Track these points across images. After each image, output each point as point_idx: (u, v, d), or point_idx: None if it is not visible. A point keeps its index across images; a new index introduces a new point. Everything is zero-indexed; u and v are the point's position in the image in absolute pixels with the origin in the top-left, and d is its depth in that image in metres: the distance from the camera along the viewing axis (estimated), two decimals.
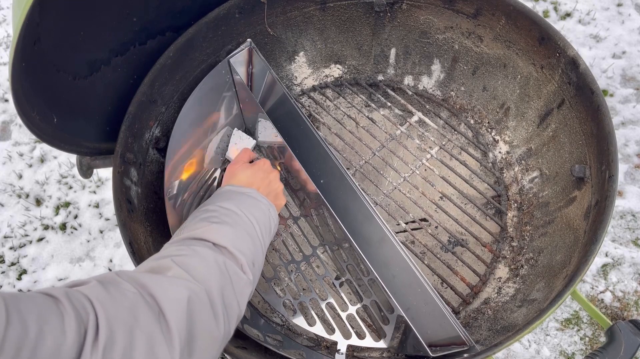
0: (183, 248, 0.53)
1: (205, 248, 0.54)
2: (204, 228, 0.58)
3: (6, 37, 1.98)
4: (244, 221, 0.62)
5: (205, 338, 0.45)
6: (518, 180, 0.94)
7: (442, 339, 0.71)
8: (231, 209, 0.63)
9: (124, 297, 0.40)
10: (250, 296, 0.57)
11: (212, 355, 0.46)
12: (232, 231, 0.59)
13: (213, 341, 0.46)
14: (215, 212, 0.62)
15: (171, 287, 0.44)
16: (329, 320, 0.84)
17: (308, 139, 0.85)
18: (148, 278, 0.44)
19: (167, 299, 0.42)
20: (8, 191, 1.62)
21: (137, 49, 0.82)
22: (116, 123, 0.79)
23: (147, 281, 0.44)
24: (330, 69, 1.09)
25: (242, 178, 0.74)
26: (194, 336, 0.43)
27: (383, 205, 0.95)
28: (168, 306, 0.42)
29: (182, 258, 0.50)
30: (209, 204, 0.65)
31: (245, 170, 0.75)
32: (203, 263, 0.51)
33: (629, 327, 0.66)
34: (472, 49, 0.96)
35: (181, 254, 0.51)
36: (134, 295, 0.41)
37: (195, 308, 0.44)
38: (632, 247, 1.45)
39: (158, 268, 0.48)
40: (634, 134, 1.61)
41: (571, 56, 0.79)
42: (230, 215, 0.62)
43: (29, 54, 0.59)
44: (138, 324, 0.39)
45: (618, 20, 1.83)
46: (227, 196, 0.68)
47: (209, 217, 0.61)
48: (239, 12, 0.90)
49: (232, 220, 0.61)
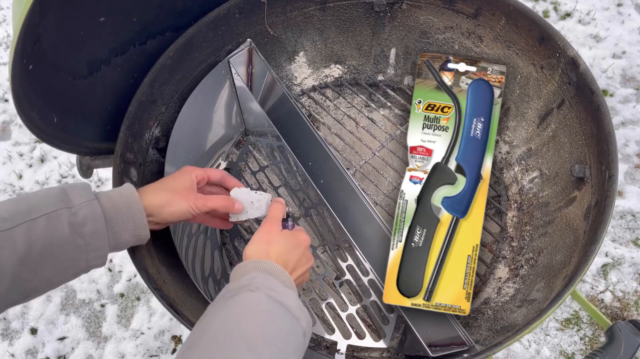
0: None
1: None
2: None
3: (6, 37, 1.98)
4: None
5: None
6: (518, 180, 0.94)
7: (442, 339, 0.71)
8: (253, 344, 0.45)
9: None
10: None
11: None
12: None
13: None
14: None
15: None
16: (328, 320, 0.84)
17: (308, 139, 0.85)
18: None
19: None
20: (8, 191, 1.62)
21: (137, 49, 0.82)
22: (116, 123, 0.79)
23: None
24: (330, 69, 1.09)
25: (275, 253, 0.58)
26: None
27: (383, 205, 0.95)
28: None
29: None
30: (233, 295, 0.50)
31: (282, 241, 0.60)
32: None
33: (629, 327, 0.66)
34: (472, 49, 0.96)
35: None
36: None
37: None
38: (632, 247, 1.45)
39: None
40: (634, 134, 1.61)
41: (571, 56, 0.79)
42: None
43: (28, 54, 0.59)
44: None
45: (618, 20, 1.83)
46: (253, 303, 0.49)
47: None
48: (239, 12, 0.90)
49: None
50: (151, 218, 0.63)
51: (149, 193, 0.63)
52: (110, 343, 1.39)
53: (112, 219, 0.58)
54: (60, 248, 0.53)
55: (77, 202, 0.55)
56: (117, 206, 0.58)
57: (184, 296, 0.75)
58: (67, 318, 1.44)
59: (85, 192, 0.57)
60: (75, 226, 0.54)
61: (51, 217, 0.53)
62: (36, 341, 1.41)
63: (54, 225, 0.53)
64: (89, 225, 0.55)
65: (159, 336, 1.39)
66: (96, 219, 0.56)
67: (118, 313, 1.44)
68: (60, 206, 0.54)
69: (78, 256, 0.55)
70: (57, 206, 0.54)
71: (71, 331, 1.42)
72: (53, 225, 0.53)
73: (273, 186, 0.97)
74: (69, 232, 0.53)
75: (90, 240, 0.55)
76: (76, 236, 0.54)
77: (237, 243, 0.93)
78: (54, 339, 1.40)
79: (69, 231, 0.53)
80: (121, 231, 0.59)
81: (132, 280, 1.48)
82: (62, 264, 0.54)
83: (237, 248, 0.92)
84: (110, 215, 0.58)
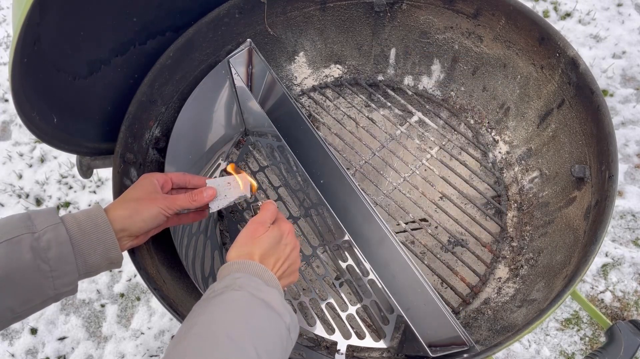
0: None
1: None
2: None
3: (6, 37, 1.98)
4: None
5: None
6: (518, 180, 0.94)
7: (442, 340, 0.71)
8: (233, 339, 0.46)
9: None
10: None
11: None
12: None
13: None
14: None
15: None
16: (328, 320, 0.84)
17: (308, 139, 0.85)
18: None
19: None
20: (8, 191, 1.62)
21: (137, 49, 0.82)
22: (116, 123, 0.79)
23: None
24: (330, 69, 1.09)
25: (259, 254, 0.58)
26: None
27: (383, 205, 0.95)
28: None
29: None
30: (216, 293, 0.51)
31: (265, 240, 0.59)
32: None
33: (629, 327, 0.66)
34: (472, 49, 0.96)
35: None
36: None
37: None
38: (632, 247, 1.45)
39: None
40: (634, 134, 1.61)
41: (571, 56, 0.79)
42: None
43: (29, 54, 0.59)
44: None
45: (618, 20, 1.83)
46: (236, 301, 0.50)
47: None
48: (239, 12, 0.90)
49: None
50: (125, 232, 0.61)
51: (116, 208, 0.62)
52: (110, 343, 1.39)
53: (79, 242, 0.56)
54: (22, 275, 0.51)
55: (41, 227, 0.53)
56: (83, 229, 0.56)
57: (184, 296, 0.75)
58: (67, 318, 1.44)
59: (50, 216, 0.55)
60: (38, 251, 0.52)
61: (12, 243, 0.51)
62: (36, 341, 1.41)
63: (15, 251, 0.51)
64: (53, 249, 0.53)
65: (159, 336, 1.39)
66: (61, 243, 0.54)
67: (118, 313, 1.44)
68: (23, 231, 0.52)
69: (43, 283, 0.53)
70: (19, 232, 0.52)
71: (71, 331, 1.42)
72: (14, 251, 0.51)
73: (273, 186, 0.97)
74: (31, 258, 0.51)
75: (55, 265, 0.53)
76: (40, 261, 0.52)
77: None
78: (54, 339, 1.40)
79: (32, 256, 0.52)
80: (90, 254, 0.57)
81: (132, 280, 1.48)
82: (25, 292, 0.52)
83: None
84: (78, 238, 0.56)
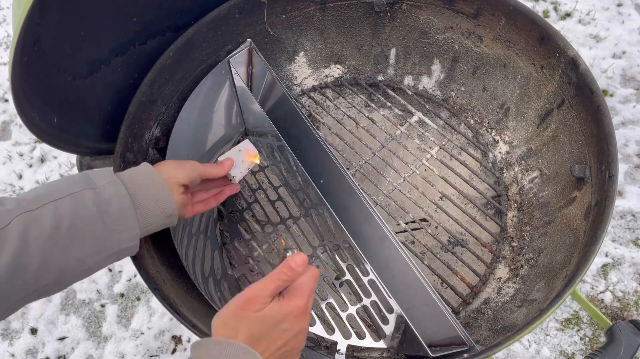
0: None
1: None
2: None
3: (6, 37, 1.98)
4: None
5: None
6: (518, 180, 0.94)
7: (442, 339, 0.71)
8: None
9: None
10: None
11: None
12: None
13: None
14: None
15: None
16: (328, 320, 0.84)
17: (308, 139, 0.85)
18: None
19: None
20: (8, 191, 1.62)
21: (137, 49, 0.82)
22: (116, 123, 0.79)
23: None
24: (330, 69, 1.09)
25: (247, 329, 0.46)
26: None
27: (383, 205, 0.95)
28: None
29: None
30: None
31: (259, 320, 0.47)
32: None
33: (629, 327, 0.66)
34: (472, 49, 0.96)
35: None
36: None
37: None
38: (632, 247, 1.45)
39: None
40: (634, 134, 1.61)
41: (571, 56, 0.79)
42: None
43: (29, 54, 0.59)
44: None
45: (618, 20, 1.83)
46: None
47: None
48: (239, 12, 0.90)
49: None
50: (173, 180, 0.64)
51: (160, 164, 0.66)
52: (110, 343, 1.39)
53: (137, 197, 0.58)
54: (89, 226, 0.53)
55: (101, 183, 0.56)
56: (139, 184, 0.59)
57: (184, 296, 0.75)
58: (67, 318, 1.44)
59: (107, 174, 0.58)
60: (101, 205, 0.54)
61: (77, 196, 0.53)
62: (36, 341, 1.41)
63: (80, 203, 0.53)
64: (115, 203, 0.55)
65: (159, 336, 1.39)
66: (121, 197, 0.56)
67: (118, 313, 1.44)
68: (84, 186, 0.55)
69: (108, 236, 0.55)
70: (82, 186, 0.55)
71: (71, 331, 1.42)
72: (79, 203, 0.53)
73: (273, 186, 0.97)
74: (95, 210, 0.54)
75: (118, 219, 0.55)
76: (103, 214, 0.54)
77: (237, 243, 0.93)
78: (54, 339, 1.40)
79: (96, 209, 0.54)
80: (148, 208, 0.59)
81: (132, 280, 1.48)
82: (93, 243, 0.54)
83: (237, 248, 0.92)
84: (135, 193, 0.58)
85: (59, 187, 0.54)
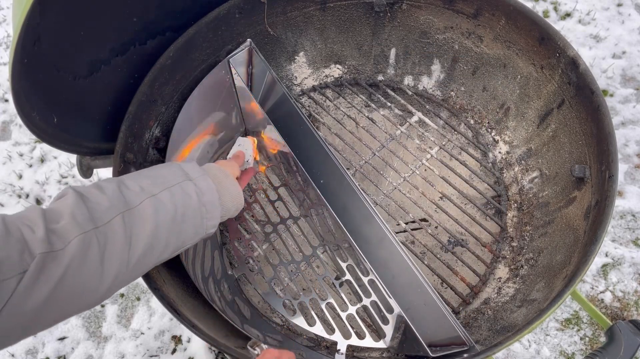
0: None
1: None
2: None
3: (6, 37, 1.98)
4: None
5: None
6: (518, 180, 0.94)
7: (442, 339, 0.71)
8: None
9: None
10: None
11: None
12: None
13: None
14: None
15: None
16: (328, 320, 0.84)
17: (308, 139, 0.85)
18: None
19: None
20: (8, 191, 1.62)
21: (137, 49, 0.82)
22: (116, 123, 0.79)
23: None
24: (330, 69, 1.09)
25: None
26: None
27: (383, 205, 0.95)
28: None
29: None
30: None
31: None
32: None
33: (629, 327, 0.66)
34: (472, 49, 0.96)
35: None
36: None
37: None
38: (632, 247, 1.45)
39: None
40: (634, 134, 1.61)
41: (571, 56, 0.79)
42: None
43: (29, 54, 0.59)
44: None
45: (618, 20, 1.83)
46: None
47: None
48: (239, 12, 0.90)
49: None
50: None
51: (219, 164, 0.73)
52: (110, 343, 1.39)
53: (219, 189, 0.65)
54: (193, 212, 0.60)
55: (194, 176, 0.62)
56: (219, 179, 0.67)
57: (184, 296, 0.75)
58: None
59: (197, 167, 0.65)
60: (199, 195, 0.61)
61: (183, 186, 0.60)
62: (36, 341, 1.41)
63: (187, 192, 0.60)
64: (207, 194, 0.62)
65: (159, 336, 1.39)
66: (210, 189, 0.63)
67: (118, 313, 1.44)
68: (185, 178, 0.61)
69: (201, 223, 0.61)
70: (183, 178, 0.61)
71: (71, 331, 1.42)
72: (186, 192, 0.60)
73: (273, 186, 0.97)
74: (197, 200, 0.60)
75: (209, 208, 0.62)
76: (200, 204, 0.61)
77: (237, 243, 0.93)
78: (54, 339, 1.40)
79: (197, 199, 0.60)
80: (225, 198, 0.66)
81: None
82: (193, 228, 0.61)
83: (237, 248, 0.92)
84: (217, 187, 0.65)
85: (165, 176, 0.60)
